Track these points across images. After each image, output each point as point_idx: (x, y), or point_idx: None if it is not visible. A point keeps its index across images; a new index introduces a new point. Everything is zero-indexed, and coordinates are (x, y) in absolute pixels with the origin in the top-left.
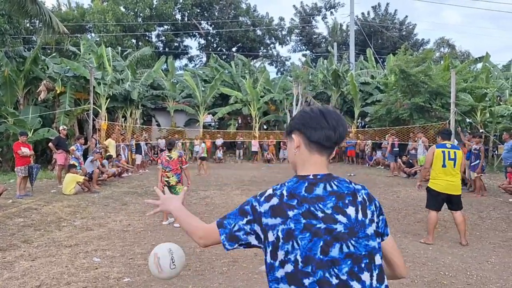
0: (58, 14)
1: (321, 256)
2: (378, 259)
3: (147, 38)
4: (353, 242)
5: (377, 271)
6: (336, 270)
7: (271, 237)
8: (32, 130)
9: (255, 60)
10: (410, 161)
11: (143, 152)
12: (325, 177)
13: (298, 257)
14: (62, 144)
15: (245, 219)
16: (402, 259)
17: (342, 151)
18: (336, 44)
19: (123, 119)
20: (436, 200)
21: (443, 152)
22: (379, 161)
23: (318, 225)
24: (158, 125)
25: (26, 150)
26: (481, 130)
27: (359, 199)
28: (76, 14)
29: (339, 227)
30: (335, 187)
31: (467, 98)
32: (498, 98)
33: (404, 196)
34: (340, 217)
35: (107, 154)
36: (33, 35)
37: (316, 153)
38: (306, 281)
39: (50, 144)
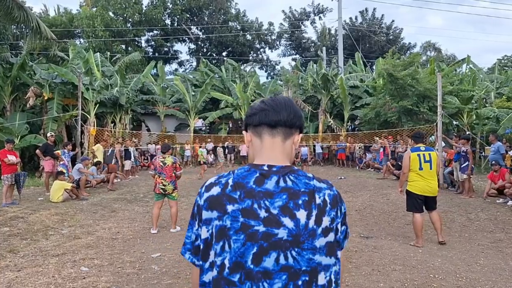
0: (46, 20)
1: (252, 266)
2: (322, 279)
3: (136, 43)
4: (294, 253)
5: None
6: (266, 285)
7: (204, 233)
8: (19, 137)
9: (245, 65)
10: (399, 163)
11: (132, 158)
12: (282, 170)
13: (226, 262)
14: (49, 151)
15: (196, 222)
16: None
17: (333, 154)
18: (325, 48)
19: (112, 125)
20: (416, 202)
21: (418, 155)
22: (369, 164)
23: (256, 227)
24: (148, 130)
25: (12, 158)
26: (467, 132)
27: (318, 201)
28: (65, 20)
29: (282, 233)
30: (289, 183)
31: (454, 101)
32: (484, 100)
33: (394, 198)
34: (287, 221)
35: (95, 160)
36: (20, 40)
37: (266, 135)
38: None
39: (37, 151)
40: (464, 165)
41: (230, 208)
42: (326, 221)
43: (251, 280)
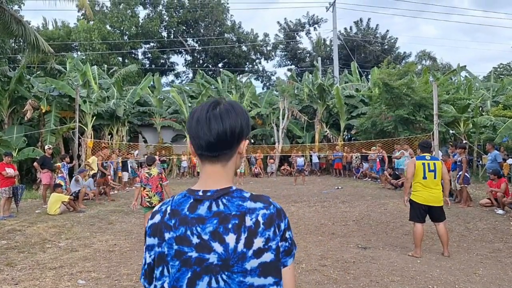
0: (44, 33)
1: None
2: None
3: (133, 55)
4: (224, 276)
5: None
6: None
7: (148, 259)
8: (17, 150)
9: (241, 76)
10: (396, 172)
11: (129, 169)
12: (216, 193)
13: (166, 285)
14: (47, 163)
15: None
16: None
17: (330, 164)
18: (321, 58)
19: (109, 137)
20: (419, 212)
21: (423, 164)
22: (366, 173)
23: (189, 254)
24: (145, 141)
25: (10, 171)
26: (464, 141)
27: (249, 223)
28: (62, 33)
29: (212, 258)
30: (221, 207)
31: (450, 110)
32: (480, 108)
33: (391, 208)
34: (216, 246)
35: (92, 173)
36: (18, 54)
37: (206, 163)
38: None
39: (35, 163)
40: (458, 174)
41: (167, 235)
42: (258, 243)
43: None
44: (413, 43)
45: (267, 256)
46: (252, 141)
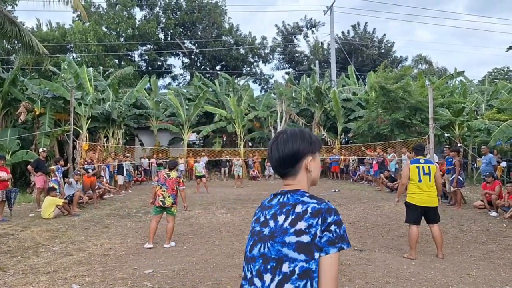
0: (38, 34)
1: (248, 253)
2: (285, 267)
3: (129, 57)
4: (269, 244)
5: (280, 277)
6: (251, 266)
7: (249, 234)
8: (11, 153)
9: (239, 78)
10: (393, 175)
11: (125, 173)
12: (288, 191)
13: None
14: (41, 166)
15: None
16: (329, 286)
17: (327, 167)
18: (318, 62)
19: (105, 139)
20: (415, 213)
21: (418, 167)
22: (363, 176)
23: (256, 228)
24: (142, 144)
25: (3, 174)
26: (459, 144)
27: (298, 210)
28: (57, 35)
29: (266, 231)
30: (285, 199)
31: (445, 113)
32: (475, 112)
33: (387, 211)
34: (271, 223)
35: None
36: (12, 55)
37: (282, 178)
38: (244, 270)
39: (29, 166)
40: (452, 177)
41: (253, 218)
42: (301, 225)
43: (247, 263)
44: (409, 47)
45: (305, 238)
46: (250, 144)
